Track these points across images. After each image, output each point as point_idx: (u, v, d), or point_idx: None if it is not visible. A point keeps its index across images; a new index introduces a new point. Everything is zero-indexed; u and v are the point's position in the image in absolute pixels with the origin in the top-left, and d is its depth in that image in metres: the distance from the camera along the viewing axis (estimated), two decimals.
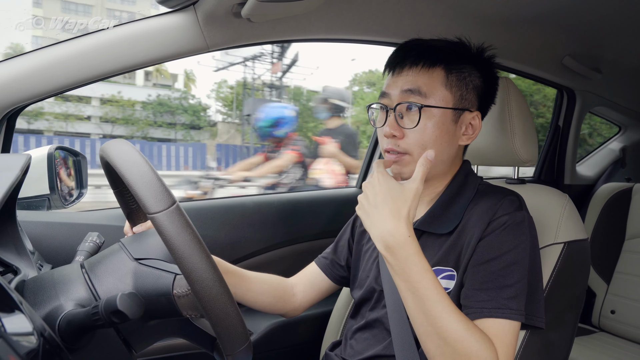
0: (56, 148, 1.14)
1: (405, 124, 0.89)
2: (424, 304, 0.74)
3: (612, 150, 2.70)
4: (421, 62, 0.89)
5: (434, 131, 0.88)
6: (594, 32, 1.62)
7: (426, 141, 0.88)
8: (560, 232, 0.99)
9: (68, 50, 0.99)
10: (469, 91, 0.91)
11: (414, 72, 0.89)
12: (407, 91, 0.88)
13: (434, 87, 0.88)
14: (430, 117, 0.87)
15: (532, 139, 1.06)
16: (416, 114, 0.87)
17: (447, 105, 0.89)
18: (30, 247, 0.81)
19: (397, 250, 0.75)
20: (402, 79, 0.90)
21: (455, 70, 0.90)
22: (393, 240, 0.75)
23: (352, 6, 1.23)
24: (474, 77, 0.92)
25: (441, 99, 0.88)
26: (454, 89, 0.89)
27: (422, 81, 0.88)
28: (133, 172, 0.57)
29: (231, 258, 1.41)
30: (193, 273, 0.54)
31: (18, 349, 0.41)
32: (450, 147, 0.92)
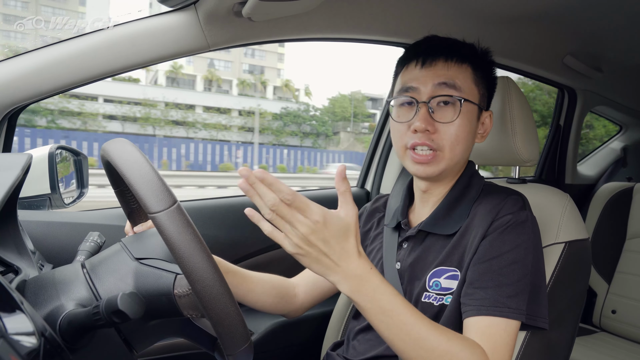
0: (57, 147, 1.14)
1: (440, 118, 0.87)
2: (401, 330, 0.70)
3: (613, 149, 2.70)
4: (455, 57, 0.88)
5: (466, 126, 0.87)
6: (595, 31, 1.61)
7: (460, 137, 0.87)
8: (561, 232, 0.99)
9: (69, 49, 0.99)
10: (485, 90, 0.93)
11: (448, 66, 0.88)
12: (441, 84, 0.87)
13: (467, 82, 0.88)
14: (465, 112, 0.87)
15: (533, 139, 1.06)
16: (450, 109, 0.86)
17: (477, 101, 0.89)
18: (31, 246, 0.81)
19: (363, 289, 0.69)
20: (435, 72, 0.88)
21: (479, 68, 0.91)
22: (355, 281, 0.69)
23: (353, 5, 1.23)
24: (485, 78, 0.93)
25: (472, 95, 0.89)
26: (479, 86, 0.90)
27: (456, 75, 0.88)
28: (134, 172, 0.57)
29: (232, 258, 1.41)
30: (194, 273, 0.54)
31: (19, 349, 0.41)
32: (472, 144, 0.93)
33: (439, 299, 0.87)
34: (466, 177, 0.95)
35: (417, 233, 0.94)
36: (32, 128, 19.66)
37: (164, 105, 30.23)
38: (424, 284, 0.89)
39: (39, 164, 1.08)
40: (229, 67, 43.99)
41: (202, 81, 39.85)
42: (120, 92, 29.63)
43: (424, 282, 0.89)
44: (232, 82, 41.07)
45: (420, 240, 0.94)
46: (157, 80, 38.85)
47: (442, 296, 0.87)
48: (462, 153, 0.89)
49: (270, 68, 45.44)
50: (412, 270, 0.92)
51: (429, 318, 0.74)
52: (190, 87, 39.13)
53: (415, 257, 0.92)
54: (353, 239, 0.68)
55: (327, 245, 0.66)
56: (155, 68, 39.10)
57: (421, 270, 0.90)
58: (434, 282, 0.88)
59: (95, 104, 28.57)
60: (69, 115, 26.80)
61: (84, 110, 27.49)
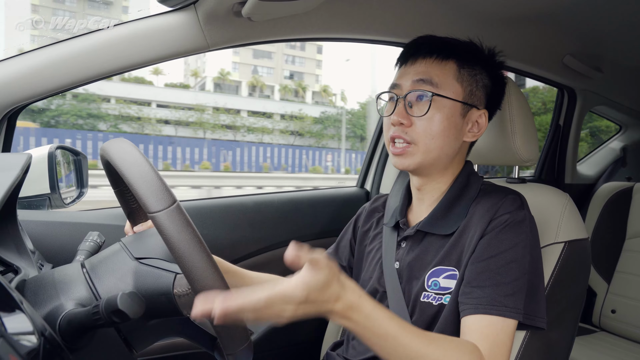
0: (57, 147, 1.14)
1: (414, 112, 0.89)
2: (397, 351, 0.70)
3: (612, 149, 2.70)
4: (435, 54, 0.90)
5: (442, 122, 0.88)
6: (594, 31, 1.61)
7: (434, 131, 0.88)
8: (560, 232, 0.99)
9: (69, 49, 0.99)
10: (478, 88, 0.92)
11: (426, 63, 0.90)
12: (419, 81, 0.89)
13: (446, 78, 0.89)
14: (440, 107, 0.88)
15: (533, 139, 1.06)
16: (426, 104, 0.87)
17: (457, 98, 0.89)
18: (30, 246, 0.81)
19: (357, 316, 0.67)
20: (414, 69, 0.91)
21: (467, 66, 0.91)
22: (351, 311, 0.66)
23: (352, 5, 1.23)
24: (484, 76, 0.93)
25: (452, 91, 0.89)
26: (465, 83, 0.90)
27: (434, 72, 0.89)
28: (134, 172, 0.57)
29: (231, 257, 1.41)
30: (193, 272, 0.54)
31: (19, 349, 0.41)
32: (456, 141, 0.92)
33: (438, 299, 0.87)
34: (464, 176, 0.96)
35: (416, 233, 0.94)
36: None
37: (213, 109, 31.51)
38: (423, 284, 0.89)
39: (38, 163, 1.09)
40: (271, 73, 46.81)
41: (247, 87, 42.90)
42: (171, 97, 31.49)
43: (422, 282, 0.89)
44: (274, 87, 43.90)
45: (418, 239, 0.94)
46: (205, 85, 41.63)
47: (440, 296, 0.87)
48: (441, 148, 0.89)
49: (309, 74, 47.84)
50: (410, 270, 0.92)
51: (423, 330, 0.73)
52: (234, 92, 42.21)
53: (414, 257, 0.92)
54: (336, 283, 0.63)
55: (314, 305, 0.63)
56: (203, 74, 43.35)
57: (419, 270, 0.91)
58: (432, 281, 0.88)
59: (151, 109, 30.00)
60: (129, 120, 28.01)
61: (142, 116, 28.57)
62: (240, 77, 43.89)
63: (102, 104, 27.62)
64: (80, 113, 25.16)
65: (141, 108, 28.92)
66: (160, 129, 28.83)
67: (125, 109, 27.95)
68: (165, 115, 29.75)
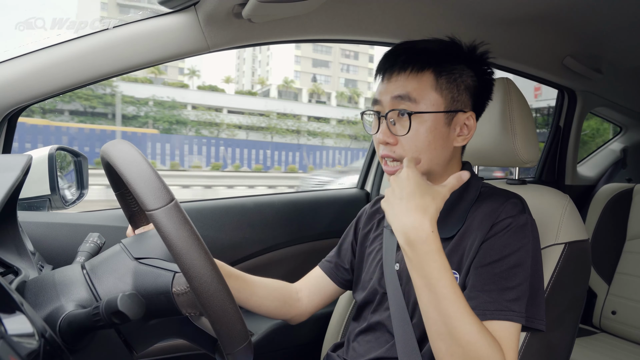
0: (57, 148, 1.14)
1: (398, 131, 0.88)
2: (439, 303, 0.73)
3: (613, 150, 2.70)
4: (409, 67, 0.88)
5: (426, 136, 0.87)
6: (595, 33, 1.62)
7: (420, 147, 0.87)
8: (561, 233, 0.99)
9: (69, 50, 0.99)
10: (460, 92, 0.90)
11: (403, 78, 0.88)
12: (397, 97, 0.88)
13: (424, 91, 0.87)
14: (421, 122, 0.87)
15: (533, 140, 1.06)
16: (407, 120, 0.87)
17: (438, 109, 0.88)
18: (31, 247, 0.81)
19: (418, 245, 0.74)
20: (392, 85, 0.89)
21: (445, 72, 0.88)
22: (415, 234, 0.74)
23: (352, 6, 1.24)
24: (466, 77, 0.90)
25: (432, 103, 0.87)
26: (444, 91, 0.88)
27: (411, 86, 0.87)
28: (132, 170, 0.58)
29: (232, 259, 1.41)
30: (191, 269, 0.54)
31: (19, 350, 0.41)
32: (445, 150, 0.91)
33: None
34: None
35: None
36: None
37: (277, 115, 34.99)
38: None
39: (39, 165, 1.09)
40: (329, 81, 52.29)
41: (307, 93, 48.50)
42: (240, 103, 36.05)
43: None
44: (331, 94, 48.90)
45: None
46: (269, 92, 46.56)
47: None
48: (430, 161, 0.89)
49: (362, 81, 52.34)
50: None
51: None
52: (295, 98, 47.81)
53: None
54: (433, 205, 0.76)
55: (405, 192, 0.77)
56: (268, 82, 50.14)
57: None
58: None
59: (225, 115, 33.63)
60: (209, 126, 31.31)
61: (221, 121, 32.54)
62: (301, 84, 49.25)
63: (182, 111, 30.58)
64: (171, 119, 28.70)
65: (218, 114, 32.41)
66: (235, 133, 31.51)
67: (204, 115, 31.67)
68: (239, 121, 33.45)
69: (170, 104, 29.69)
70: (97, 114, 27.39)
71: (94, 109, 27.02)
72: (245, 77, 66.56)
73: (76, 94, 25.43)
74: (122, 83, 28.26)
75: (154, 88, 32.90)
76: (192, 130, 29.69)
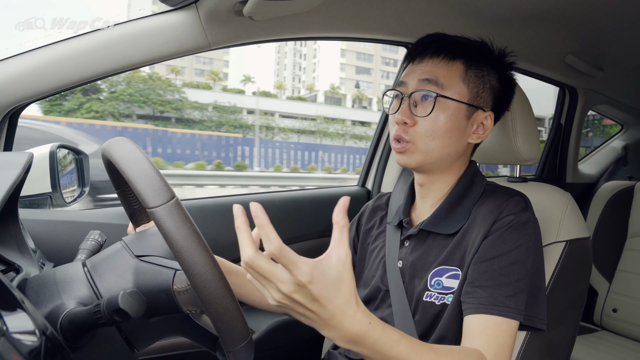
0: (58, 146, 1.14)
1: (418, 112, 0.88)
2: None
3: (614, 148, 2.70)
4: (442, 54, 0.89)
5: (445, 123, 0.87)
6: (596, 30, 1.61)
7: (436, 132, 0.88)
8: (562, 231, 0.99)
9: (70, 48, 0.99)
10: (485, 90, 0.91)
11: (433, 63, 0.89)
12: (424, 80, 0.88)
13: (452, 79, 0.88)
14: (444, 108, 0.87)
15: (534, 138, 1.06)
16: (430, 104, 0.87)
17: (463, 100, 0.89)
18: (32, 245, 0.81)
19: (364, 342, 0.62)
20: (421, 68, 0.90)
21: (474, 66, 0.90)
22: (355, 337, 0.61)
23: (353, 4, 1.23)
24: (492, 77, 0.92)
25: (457, 93, 0.88)
26: (471, 84, 0.90)
27: (440, 72, 0.88)
28: (133, 168, 0.57)
29: (233, 257, 1.41)
30: (192, 267, 0.54)
31: (20, 348, 0.41)
32: (459, 142, 0.91)
33: (441, 298, 0.87)
34: (468, 176, 0.95)
35: (419, 232, 0.94)
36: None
37: (324, 119, 36.86)
38: (426, 283, 0.89)
39: (40, 162, 1.09)
40: (370, 87, 56.48)
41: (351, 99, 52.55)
42: (291, 108, 38.61)
43: (425, 281, 0.89)
44: (372, 100, 52.27)
45: (422, 239, 0.94)
46: (316, 98, 50.92)
47: (443, 295, 0.87)
48: (442, 148, 0.89)
49: None
50: (413, 269, 0.92)
51: (430, 344, 0.71)
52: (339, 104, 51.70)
53: (417, 256, 0.92)
54: (347, 290, 0.57)
55: (315, 304, 0.56)
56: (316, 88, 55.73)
57: (422, 269, 0.91)
58: (435, 281, 0.88)
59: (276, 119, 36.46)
60: (266, 130, 33.75)
61: (278, 125, 34.42)
62: (345, 90, 53.60)
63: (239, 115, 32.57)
64: (235, 123, 30.78)
65: (274, 119, 34.79)
66: (289, 137, 33.28)
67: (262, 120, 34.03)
68: (292, 125, 35.30)
69: (231, 108, 31.95)
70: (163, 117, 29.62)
71: (162, 113, 29.22)
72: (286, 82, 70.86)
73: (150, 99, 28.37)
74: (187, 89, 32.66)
75: (215, 94, 36.77)
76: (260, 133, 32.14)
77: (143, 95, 28.30)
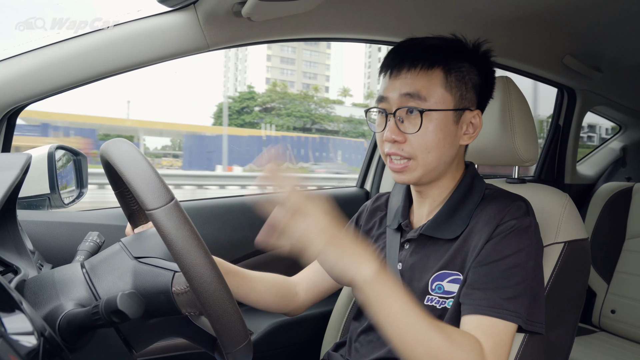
0: (56, 147, 1.14)
1: (407, 129, 0.87)
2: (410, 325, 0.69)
3: (612, 149, 2.70)
4: (419, 64, 0.87)
5: (436, 134, 0.86)
6: (594, 31, 1.62)
7: (429, 145, 0.87)
8: (560, 232, 0.99)
9: (69, 49, 0.99)
10: (468, 90, 0.90)
11: (412, 75, 0.87)
12: (406, 95, 0.86)
13: (434, 89, 0.86)
14: (431, 120, 0.86)
15: (533, 138, 1.06)
16: (417, 118, 0.86)
17: (448, 107, 0.87)
18: (30, 246, 0.81)
19: (378, 280, 0.67)
20: (400, 82, 0.88)
21: (454, 70, 0.88)
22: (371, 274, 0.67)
23: (352, 5, 1.23)
24: (472, 75, 0.90)
25: (441, 101, 0.86)
26: (453, 89, 0.88)
27: (421, 84, 0.86)
28: (132, 170, 0.57)
29: (232, 257, 1.41)
30: (191, 269, 0.54)
31: (18, 349, 0.41)
32: (452, 148, 0.90)
33: (442, 302, 0.87)
34: (467, 180, 0.95)
35: (419, 237, 0.94)
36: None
37: None
38: (426, 287, 0.88)
39: (38, 163, 1.08)
40: None
41: None
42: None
43: (425, 285, 0.89)
44: None
45: (422, 242, 0.94)
46: None
47: (444, 299, 0.87)
48: (439, 159, 0.88)
49: None
50: (412, 272, 0.92)
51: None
52: None
53: (417, 259, 0.92)
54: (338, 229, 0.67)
55: (326, 216, 0.66)
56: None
57: (421, 273, 0.90)
58: (436, 285, 0.88)
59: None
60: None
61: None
62: None
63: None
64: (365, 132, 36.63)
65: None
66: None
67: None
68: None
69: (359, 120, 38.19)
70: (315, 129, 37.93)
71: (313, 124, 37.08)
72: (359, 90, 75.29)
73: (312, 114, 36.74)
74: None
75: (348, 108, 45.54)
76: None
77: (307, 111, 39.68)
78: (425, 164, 0.88)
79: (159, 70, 35.60)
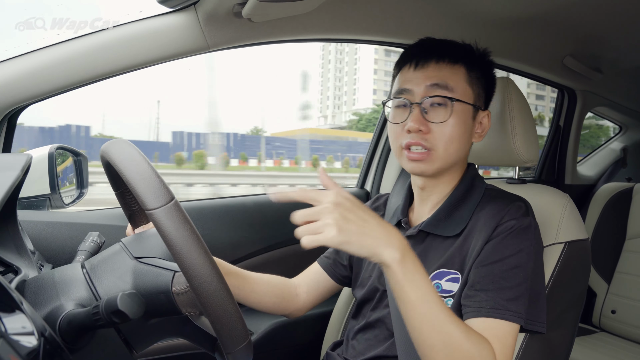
0: (57, 147, 1.14)
1: (432, 118, 0.88)
2: (432, 313, 0.70)
3: (612, 150, 2.70)
4: (446, 58, 0.90)
5: (460, 126, 0.88)
6: (595, 32, 1.61)
7: (453, 136, 0.88)
8: (561, 232, 0.99)
9: (69, 50, 0.99)
10: (482, 90, 0.93)
11: (439, 67, 0.89)
12: (433, 85, 0.88)
13: (459, 82, 0.89)
14: (457, 112, 0.88)
15: (533, 139, 1.06)
16: (443, 109, 0.87)
17: (470, 101, 0.90)
18: (30, 247, 0.81)
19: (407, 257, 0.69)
20: (426, 73, 0.89)
21: (474, 68, 0.91)
22: (403, 249, 0.69)
23: (352, 6, 1.23)
24: (482, 78, 0.94)
25: (465, 95, 0.89)
26: (474, 86, 0.91)
27: (447, 76, 0.88)
28: (132, 170, 0.57)
29: (232, 258, 1.41)
30: (191, 269, 0.54)
31: (19, 349, 0.41)
32: (468, 144, 0.93)
33: None
34: (468, 179, 0.96)
35: (418, 233, 0.94)
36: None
37: None
38: None
39: (38, 164, 1.08)
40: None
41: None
42: None
43: None
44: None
45: (420, 240, 0.94)
46: None
47: (443, 298, 0.87)
48: (457, 152, 0.90)
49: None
50: None
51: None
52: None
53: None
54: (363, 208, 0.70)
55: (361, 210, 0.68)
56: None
57: None
58: (435, 283, 0.88)
59: None
60: None
61: None
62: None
63: None
64: None
65: None
66: None
67: None
68: None
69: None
70: None
71: None
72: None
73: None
74: None
75: None
76: None
77: None
78: (446, 156, 0.89)
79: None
